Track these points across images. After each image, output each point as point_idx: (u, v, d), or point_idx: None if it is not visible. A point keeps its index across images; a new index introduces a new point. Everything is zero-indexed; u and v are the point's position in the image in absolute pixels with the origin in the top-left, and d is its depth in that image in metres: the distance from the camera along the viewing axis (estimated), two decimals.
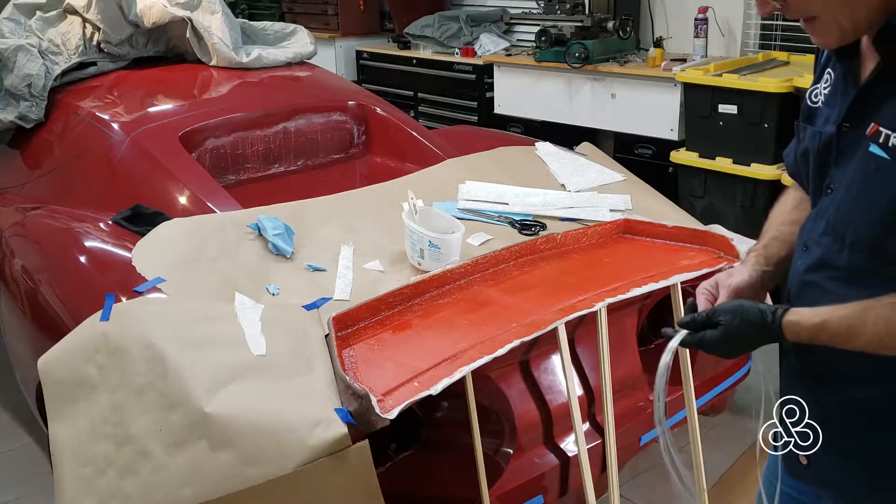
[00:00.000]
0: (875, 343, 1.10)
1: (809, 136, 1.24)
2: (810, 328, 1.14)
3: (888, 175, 1.07)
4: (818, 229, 1.20)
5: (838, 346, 1.13)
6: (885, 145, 1.07)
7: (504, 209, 2.48)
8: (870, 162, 1.09)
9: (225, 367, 1.62)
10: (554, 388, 2.06)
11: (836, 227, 1.16)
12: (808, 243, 1.23)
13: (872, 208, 1.10)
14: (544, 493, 1.99)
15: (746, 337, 1.19)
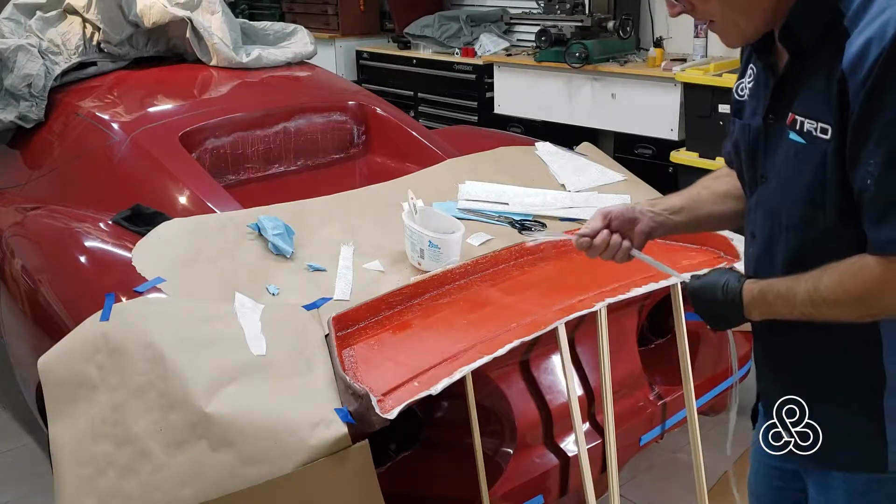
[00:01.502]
0: (807, 303, 1.16)
1: (739, 128, 1.32)
2: (761, 286, 1.23)
3: (805, 158, 1.15)
4: (759, 217, 1.28)
5: (783, 310, 1.21)
6: (801, 131, 1.15)
7: (504, 209, 2.48)
8: (790, 148, 1.18)
9: (225, 368, 1.62)
10: (554, 388, 2.06)
11: (773, 214, 1.24)
12: (753, 232, 1.31)
13: (797, 191, 1.18)
14: (544, 493, 1.99)
15: (716, 291, 1.28)
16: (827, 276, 1.15)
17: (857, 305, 1.14)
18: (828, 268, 1.15)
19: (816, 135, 1.13)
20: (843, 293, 1.13)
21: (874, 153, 1.06)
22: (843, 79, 1.08)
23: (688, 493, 2.11)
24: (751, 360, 2.48)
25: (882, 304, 1.13)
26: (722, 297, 1.28)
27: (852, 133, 1.08)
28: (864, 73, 1.05)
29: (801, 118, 1.15)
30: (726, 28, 1.22)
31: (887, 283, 1.10)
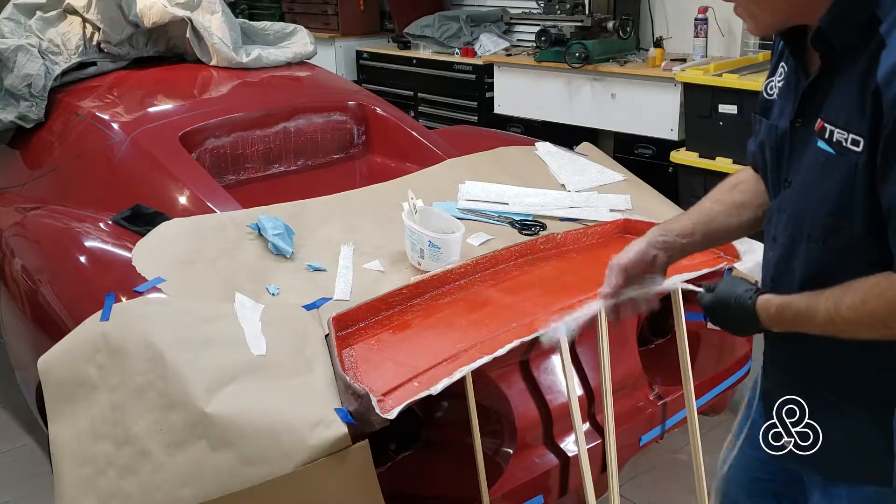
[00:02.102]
0: (828, 322, 1.15)
1: (765, 129, 1.29)
2: (778, 303, 1.22)
3: (833, 168, 1.13)
4: (782, 221, 1.27)
5: (802, 327, 1.20)
6: (829, 140, 1.13)
7: (504, 209, 2.48)
8: (818, 156, 1.15)
9: (225, 368, 1.62)
10: (554, 388, 2.06)
11: (796, 220, 1.22)
12: (775, 236, 1.29)
13: (822, 200, 1.16)
14: (544, 493, 1.99)
15: (731, 305, 1.27)
16: (850, 296, 1.12)
17: (880, 326, 1.11)
18: (850, 286, 1.12)
19: (847, 146, 1.10)
20: (866, 313, 1.11)
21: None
22: (877, 91, 1.04)
23: (688, 493, 2.11)
24: (750, 361, 2.48)
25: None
26: (737, 312, 1.28)
27: (885, 149, 1.05)
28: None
29: (831, 127, 1.12)
30: (744, 16, 1.21)
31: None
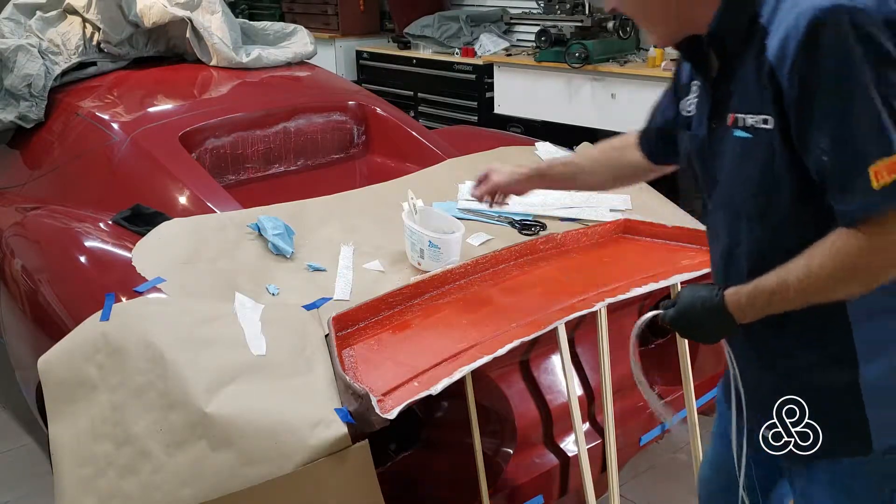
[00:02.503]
0: (802, 291, 1.17)
1: (688, 139, 1.39)
2: (748, 292, 1.25)
3: (752, 149, 1.21)
4: (720, 217, 1.34)
5: (778, 306, 1.22)
6: (744, 127, 1.22)
7: (504, 209, 2.48)
8: (737, 145, 1.24)
9: (225, 368, 1.62)
10: (554, 388, 2.06)
11: (731, 207, 1.29)
12: (717, 233, 1.36)
13: (751, 181, 1.23)
14: (544, 493, 1.99)
15: (698, 311, 1.30)
16: (817, 258, 1.15)
17: (850, 282, 1.15)
18: (811, 251, 1.16)
19: (760, 127, 1.19)
20: (831, 274, 1.14)
21: (821, 133, 1.11)
22: (771, 70, 1.15)
23: (688, 493, 2.11)
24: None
25: (871, 274, 1.13)
26: (706, 317, 1.30)
27: (796, 121, 1.14)
28: (789, 63, 1.12)
29: (742, 115, 1.22)
30: (647, 29, 1.36)
31: (868, 252, 1.11)
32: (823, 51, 1.09)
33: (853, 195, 1.10)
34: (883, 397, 1.24)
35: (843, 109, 1.09)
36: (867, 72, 1.07)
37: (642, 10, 1.32)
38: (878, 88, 1.07)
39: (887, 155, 1.06)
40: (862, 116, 1.08)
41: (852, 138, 1.09)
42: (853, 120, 1.08)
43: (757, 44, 1.18)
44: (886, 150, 1.06)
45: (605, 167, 1.71)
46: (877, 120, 1.07)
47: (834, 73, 1.09)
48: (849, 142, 1.09)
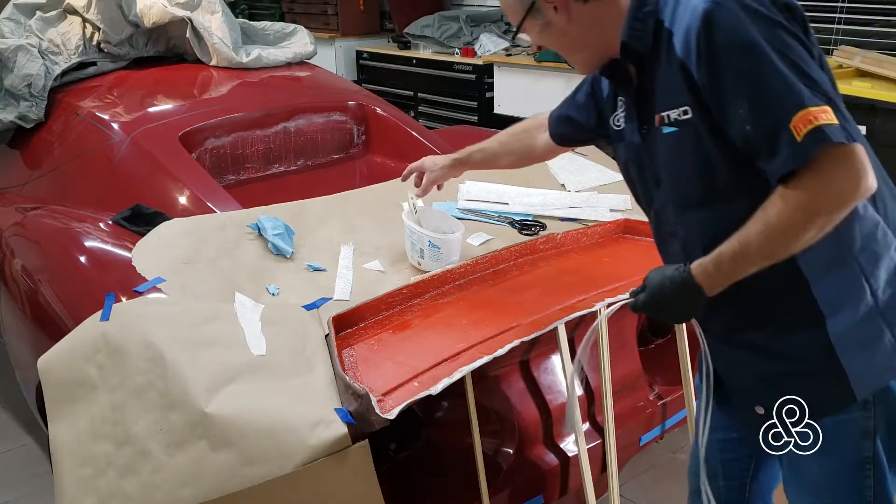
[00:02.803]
0: (765, 244, 1.22)
1: (624, 149, 1.48)
2: (711, 259, 1.29)
3: (682, 140, 1.30)
4: (670, 214, 1.40)
5: (741, 269, 1.26)
6: (670, 123, 1.31)
7: (504, 209, 2.48)
8: (667, 140, 1.32)
9: (225, 368, 1.62)
10: (554, 388, 2.06)
11: (680, 200, 1.36)
12: (672, 231, 1.41)
13: (690, 170, 1.31)
14: (544, 493, 1.99)
15: (667, 290, 1.34)
16: (771, 209, 1.20)
17: (807, 227, 1.19)
18: (762, 208, 1.22)
19: (682, 119, 1.29)
20: (788, 223, 1.19)
21: (738, 105, 1.19)
22: (682, 65, 1.25)
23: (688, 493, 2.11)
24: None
25: (823, 213, 1.18)
26: (674, 293, 1.33)
27: (714, 102, 1.23)
28: (695, 53, 1.22)
29: (666, 112, 1.31)
30: (572, 61, 1.46)
31: (814, 196, 1.17)
32: (720, 32, 1.19)
33: (782, 152, 1.16)
34: (853, 343, 1.29)
35: (753, 78, 1.18)
36: (762, 38, 1.17)
37: (564, 43, 1.42)
38: (775, 50, 1.17)
39: (801, 108, 1.14)
40: (770, 79, 1.17)
41: (767, 102, 1.17)
42: (763, 85, 1.17)
43: (665, 45, 1.29)
44: (799, 104, 1.15)
45: (516, 150, 1.97)
46: (783, 79, 1.16)
47: (734, 48, 1.19)
48: (765, 106, 1.17)
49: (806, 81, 1.16)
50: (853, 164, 1.15)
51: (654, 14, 1.30)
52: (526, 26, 1.41)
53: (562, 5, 1.35)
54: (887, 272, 1.30)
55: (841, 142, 1.14)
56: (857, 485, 1.35)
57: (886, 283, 1.30)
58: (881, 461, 1.35)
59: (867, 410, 1.32)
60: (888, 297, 1.30)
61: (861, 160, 1.16)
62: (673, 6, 1.28)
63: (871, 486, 1.35)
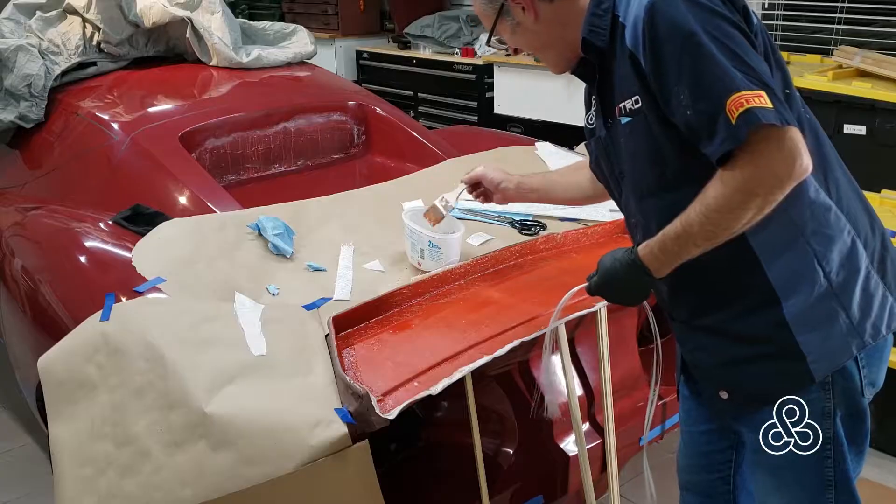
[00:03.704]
0: (705, 224, 1.25)
1: (594, 145, 1.53)
2: (657, 241, 1.33)
3: (635, 129, 1.35)
4: (632, 206, 1.45)
5: (687, 249, 1.30)
6: (626, 113, 1.36)
7: (504, 209, 2.48)
8: (625, 131, 1.37)
9: (225, 368, 1.62)
10: (554, 388, 2.06)
11: (636, 189, 1.41)
12: (634, 221, 1.47)
13: (643, 158, 1.36)
14: (544, 493, 1.99)
15: (617, 272, 1.39)
16: (711, 191, 1.24)
17: (746, 206, 1.22)
18: (706, 192, 1.25)
19: (633, 108, 1.33)
20: (727, 202, 1.23)
21: (679, 91, 1.24)
22: (632, 55, 1.30)
23: None
24: None
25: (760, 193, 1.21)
26: (623, 275, 1.38)
27: (657, 88, 1.27)
28: (641, 42, 1.27)
29: (621, 104, 1.36)
30: (545, 61, 1.52)
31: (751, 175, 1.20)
32: (662, 21, 1.24)
33: (719, 135, 1.20)
34: (809, 325, 1.33)
35: (691, 65, 1.22)
36: (700, 26, 1.22)
37: (534, 42, 1.48)
38: (713, 39, 1.21)
39: (735, 92, 1.18)
40: (707, 66, 1.21)
41: (705, 88, 1.21)
42: (701, 71, 1.21)
43: (619, 38, 1.34)
44: (732, 87, 1.19)
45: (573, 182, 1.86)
46: (719, 65, 1.20)
47: (674, 37, 1.23)
48: (703, 92, 1.21)
49: (742, 67, 1.20)
50: (785, 146, 1.19)
51: (610, 10, 1.35)
52: (499, 28, 1.47)
53: (528, 5, 1.40)
54: (840, 255, 1.34)
55: (772, 123, 1.17)
56: (818, 465, 1.39)
57: (839, 266, 1.34)
58: (841, 441, 1.39)
59: (826, 391, 1.36)
60: (842, 280, 1.34)
61: (794, 141, 1.19)
62: (627, 1, 1.32)
63: (831, 465, 1.39)
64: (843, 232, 1.35)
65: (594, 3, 1.37)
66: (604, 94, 1.43)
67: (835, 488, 1.40)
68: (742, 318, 1.37)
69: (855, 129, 3.19)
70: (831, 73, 3.39)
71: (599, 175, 1.58)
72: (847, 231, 1.35)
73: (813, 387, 1.35)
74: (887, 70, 3.31)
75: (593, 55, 1.40)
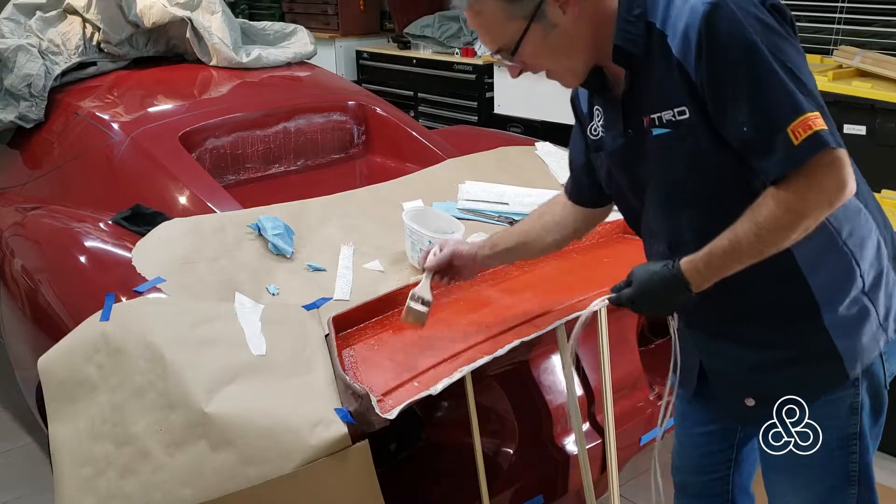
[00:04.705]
0: (754, 244, 1.26)
1: (606, 157, 1.47)
2: (702, 257, 1.31)
3: (676, 141, 1.30)
4: (655, 215, 1.42)
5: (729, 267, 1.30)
6: (662, 124, 1.31)
7: (504, 209, 2.48)
8: (659, 142, 1.32)
9: (225, 368, 1.62)
10: (554, 388, 2.06)
11: (670, 200, 1.38)
12: (653, 231, 1.45)
13: (684, 169, 1.32)
14: (544, 493, 1.99)
15: (655, 285, 1.37)
16: (762, 210, 1.24)
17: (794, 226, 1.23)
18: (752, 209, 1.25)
19: (677, 119, 1.29)
20: (777, 223, 1.23)
21: (737, 107, 1.22)
22: (680, 65, 1.26)
23: None
24: None
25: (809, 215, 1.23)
26: (662, 289, 1.36)
27: (713, 102, 1.24)
28: (694, 54, 1.23)
29: (658, 114, 1.31)
30: (562, 74, 1.41)
31: (804, 197, 1.21)
32: (720, 33, 1.21)
33: (777, 154, 1.20)
34: (846, 325, 1.34)
35: (752, 80, 1.20)
36: (762, 44, 1.20)
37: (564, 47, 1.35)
38: (772, 54, 1.20)
39: (800, 114, 1.18)
40: (770, 84, 1.20)
41: (766, 106, 1.20)
42: (762, 88, 1.20)
43: (658, 47, 1.29)
44: (798, 111, 1.19)
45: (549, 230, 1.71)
46: (783, 85, 1.20)
47: (734, 49, 1.20)
48: (764, 109, 1.20)
49: (800, 87, 1.20)
50: (841, 169, 1.21)
51: (643, 16, 1.30)
52: (529, 36, 1.32)
53: (572, 1, 1.30)
54: (870, 254, 1.36)
55: (833, 147, 1.19)
56: (844, 460, 1.40)
57: (870, 266, 1.36)
58: (865, 435, 1.40)
59: (854, 387, 1.37)
60: (872, 279, 1.36)
61: (847, 165, 1.21)
62: (664, 8, 1.29)
63: (856, 460, 1.40)
64: (871, 231, 1.37)
65: (625, 9, 1.31)
66: (627, 105, 1.37)
67: (858, 483, 1.42)
68: (778, 328, 1.37)
69: (855, 129, 3.18)
70: (831, 73, 3.39)
71: (608, 186, 1.54)
72: (874, 230, 1.38)
73: (844, 383, 1.36)
74: (887, 70, 3.31)
75: (624, 63, 1.34)
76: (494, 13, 1.32)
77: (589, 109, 1.50)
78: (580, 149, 1.60)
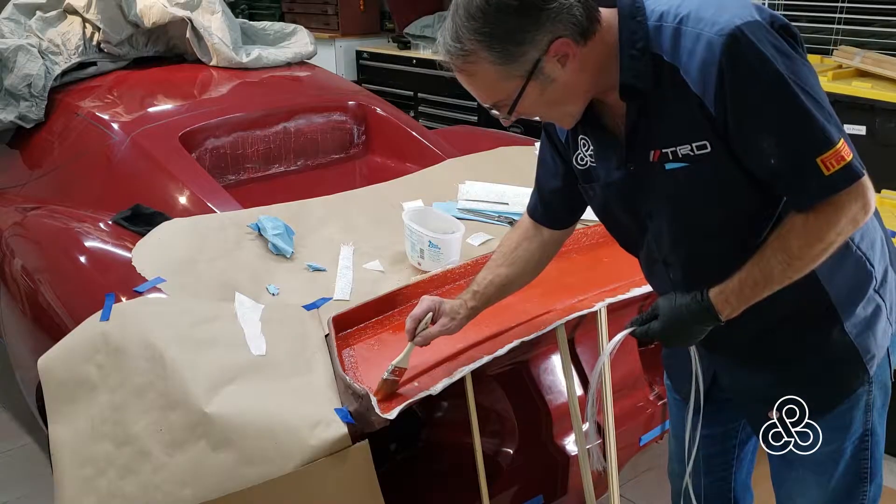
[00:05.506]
0: (785, 272, 1.25)
1: (601, 189, 1.41)
2: (732, 287, 1.28)
3: (696, 174, 1.26)
4: (665, 244, 1.38)
5: (759, 295, 1.28)
6: (676, 159, 1.26)
7: (504, 209, 2.48)
8: (673, 176, 1.28)
9: (225, 368, 1.62)
10: (554, 388, 2.06)
11: (687, 231, 1.34)
12: (665, 259, 1.40)
13: (707, 201, 1.28)
14: (544, 493, 1.99)
15: (684, 318, 1.33)
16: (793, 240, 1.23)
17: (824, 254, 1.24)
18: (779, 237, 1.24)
19: (696, 154, 1.24)
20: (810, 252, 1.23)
21: (764, 139, 1.19)
22: (700, 102, 1.20)
23: None
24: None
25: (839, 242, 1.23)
26: (692, 322, 1.33)
27: (737, 136, 1.21)
28: (715, 88, 1.18)
29: (671, 148, 1.26)
30: (561, 119, 1.36)
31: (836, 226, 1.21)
32: (743, 69, 1.17)
33: (808, 184, 1.19)
34: (862, 325, 1.36)
35: (778, 113, 1.18)
36: (783, 73, 1.16)
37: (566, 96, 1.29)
38: (795, 84, 1.17)
39: (831, 147, 1.17)
40: (797, 116, 1.17)
41: (794, 138, 1.18)
42: (789, 120, 1.18)
43: (669, 79, 1.23)
44: (829, 142, 1.17)
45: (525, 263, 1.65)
46: (809, 115, 1.17)
47: (759, 85, 1.17)
48: (793, 142, 1.18)
49: (824, 114, 1.18)
50: (867, 194, 1.21)
51: (647, 50, 1.23)
52: (527, 93, 1.26)
53: (574, 53, 1.23)
54: (879, 253, 1.38)
55: (862, 175, 1.19)
56: (858, 457, 1.41)
57: (879, 264, 1.37)
58: (877, 431, 1.41)
59: (868, 384, 1.38)
60: (881, 277, 1.37)
61: (870, 188, 1.22)
62: (671, 39, 1.22)
63: (867, 457, 1.42)
64: (877, 231, 1.39)
65: (627, 44, 1.24)
66: (632, 139, 1.31)
67: (870, 480, 1.42)
68: (801, 339, 1.37)
69: (855, 129, 3.19)
70: (831, 73, 3.39)
71: (602, 216, 1.49)
72: (878, 229, 1.39)
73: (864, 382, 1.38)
74: (887, 70, 3.31)
75: (631, 99, 1.28)
76: (489, 74, 1.25)
77: (572, 137, 1.43)
78: (554, 172, 1.53)
